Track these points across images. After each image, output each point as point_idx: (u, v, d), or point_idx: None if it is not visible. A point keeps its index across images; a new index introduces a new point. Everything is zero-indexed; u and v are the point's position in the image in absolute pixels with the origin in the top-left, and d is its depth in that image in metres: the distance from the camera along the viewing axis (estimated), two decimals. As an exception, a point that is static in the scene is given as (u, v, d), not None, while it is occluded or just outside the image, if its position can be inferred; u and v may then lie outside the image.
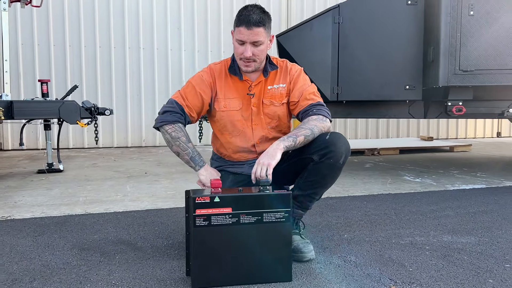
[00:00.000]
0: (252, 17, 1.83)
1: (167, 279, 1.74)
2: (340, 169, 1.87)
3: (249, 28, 1.83)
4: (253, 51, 1.87)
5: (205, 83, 1.96)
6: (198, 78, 1.97)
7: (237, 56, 1.92)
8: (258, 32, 1.84)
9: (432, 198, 3.20)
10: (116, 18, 7.02)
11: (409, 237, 2.26)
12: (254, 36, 1.84)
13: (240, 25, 1.85)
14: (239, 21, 1.86)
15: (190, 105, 1.93)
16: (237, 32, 1.87)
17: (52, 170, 4.42)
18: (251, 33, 1.83)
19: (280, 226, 1.68)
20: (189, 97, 1.93)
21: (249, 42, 1.86)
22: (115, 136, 7.14)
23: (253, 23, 1.82)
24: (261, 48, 1.88)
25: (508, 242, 2.17)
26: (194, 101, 1.93)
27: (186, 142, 1.88)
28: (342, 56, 3.88)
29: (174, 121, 1.88)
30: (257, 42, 1.86)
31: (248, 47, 1.86)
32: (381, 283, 1.68)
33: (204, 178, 1.88)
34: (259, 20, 1.83)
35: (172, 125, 1.88)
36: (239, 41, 1.87)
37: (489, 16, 3.46)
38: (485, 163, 5.17)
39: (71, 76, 6.86)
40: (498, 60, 3.49)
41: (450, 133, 8.81)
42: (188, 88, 1.96)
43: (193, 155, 1.89)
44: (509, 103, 3.82)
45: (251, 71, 1.95)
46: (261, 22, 1.84)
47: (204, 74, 1.98)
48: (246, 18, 1.83)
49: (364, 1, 3.85)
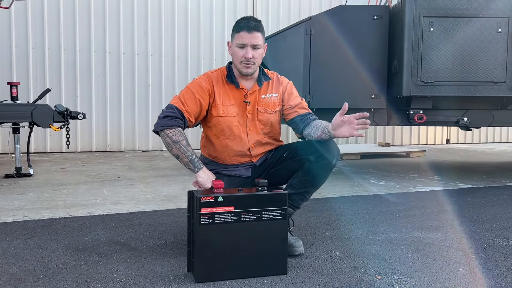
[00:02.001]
0: (252, 23, 2.04)
1: (169, 275, 1.83)
2: (331, 169, 2.06)
3: (250, 32, 2.02)
4: (253, 54, 2.04)
5: (203, 90, 2.08)
6: (197, 85, 2.09)
7: (237, 61, 2.07)
8: (257, 36, 2.04)
9: (398, 199, 3.46)
10: (81, 21, 6.93)
11: (384, 234, 2.47)
12: (254, 39, 2.03)
13: (241, 30, 2.03)
14: (239, 27, 2.05)
15: (189, 110, 2.04)
16: (238, 37, 2.04)
17: (21, 175, 4.33)
18: (252, 36, 2.03)
19: (277, 223, 1.83)
20: (188, 103, 2.04)
21: (249, 45, 2.04)
22: (79, 140, 7.02)
23: (253, 28, 2.03)
24: (259, 52, 2.07)
25: (469, 237, 2.43)
26: (193, 107, 2.05)
27: (186, 146, 1.99)
28: (313, 66, 4.09)
29: (174, 126, 1.99)
30: (256, 46, 2.05)
31: (249, 49, 2.04)
32: (367, 274, 1.87)
33: (203, 180, 1.99)
34: (257, 26, 2.05)
35: (172, 129, 1.98)
36: (239, 45, 2.04)
37: (447, 33, 3.79)
38: (439, 167, 5.56)
39: (34, 79, 6.69)
40: (455, 73, 3.83)
41: (405, 140, 9.31)
42: (187, 94, 2.07)
43: (192, 158, 2.00)
44: (463, 112, 4.18)
45: (251, 73, 2.10)
46: (259, 28, 2.06)
47: (203, 81, 2.10)
48: (246, 24, 2.04)
49: (334, 14, 4.09)
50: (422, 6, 3.76)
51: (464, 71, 3.82)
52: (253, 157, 2.18)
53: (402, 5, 3.85)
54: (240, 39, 2.04)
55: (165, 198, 3.40)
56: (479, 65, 3.80)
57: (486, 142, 9.92)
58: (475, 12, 3.78)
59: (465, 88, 3.85)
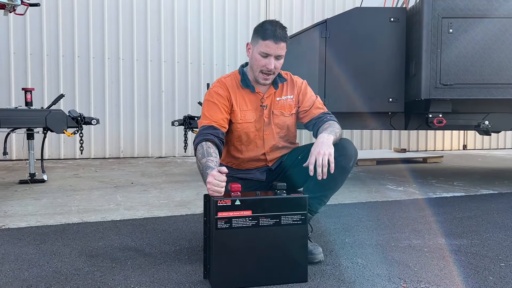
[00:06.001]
0: (279, 32, 1.93)
1: (185, 282, 1.77)
2: (348, 171, 1.97)
3: (276, 43, 1.92)
4: (275, 65, 1.96)
5: (222, 96, 2.01)
6: (215, 94, 2.02)
7: (257, 68, 1.99)
8: (283, 46, 1.96)
9: (418, 205, 3.35)
10: (95, 28, 6.97)
11: (406, 241, 2.37)
12: (280, 50, 1.95)
13: (267, 39, 1.92)
14: (266, 35, 1.93)
15: (216, 119, 1.96)
16: (263, 45, 1.94)
17: (35, 181, 4.32)
18: (278, 47, 1.93)
19: (296, 228, 1.75)
20: (212, 114, 1.97)
21: (274, 56, 1.95)
22: (93, 146, 7.02)
23: (280, 38, 1.93)
24: (281, 61, 2.00)
25: (497, 244, 2.32)
26: (219, 115, 1.97)
27: (200, 159, 1.84)
28: (328, 69, 4.02)
29: (200, 141, 1.90)
30: (280, 56, 1.97)
31: (272, 60, 1.95)
32: (392, 282, 1.78)
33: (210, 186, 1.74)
34: (285, 36, 1.95)
35: (199, 145, 1.89)
36: (263, 53, 1.95)
37: (466, 34, 3.69)
38: (458, 173, 5.42)
39: (48, 85, 6.73)
40: (475, 75, 3.72)
41: (421, 146, 9.15)
42: (208, 107, 1.99)
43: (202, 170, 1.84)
44: (484, 116, 4.06)
45: (268, 84, 2.03)
46: (286, 38, 1.97)
47: (219, 89, 2.03)
48: (273, 33, 1.92)
49: (350, 17, 4.02)
50: (440, 7, 3.67)
51: (484, 73, 3.71)
52: (268, 161, 2.11)
53: (420, 6, 3.76)
54: (265, 48, 1.94)
55: (179, 204, 3.35)
56: (500, 66, 3.69)
57: (504, 148, 9.71)
58: (496, 12, 3.68)
59: (486, 91, 3.74)
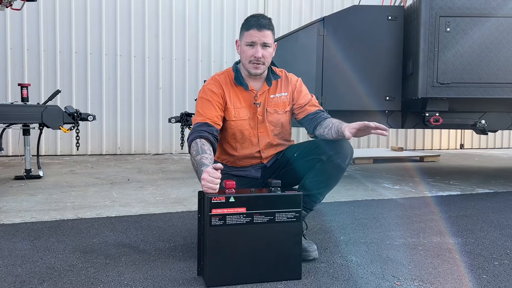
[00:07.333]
0: (262, 21, 1.96)
1: (178, 279, 1.76)
2: (344, 170, 1.97)
3: (260, 30, 1.94)
4: (263, 53, 1.96)
5: (216, 94, 2.01)
6: (209, 91, 2.01)
7: (246, 60, 1.99)
8: (268, 34, 1.96)
9: (414, 203, 3.35)
10: (92, 24, 6.94)
11: (401, 239, 2.37)
12: (265, 38, 1.95)
13: (251, 28, 1.95)
14: (249, 25, 1.96)
15: (210, 116, 1.96)
16: (247, 36, 1.96)
17: (31, 177, 4.30)
18: (262, 34, 1.95)
19: (291, 226, 1.74)
20: (206, 111, 1.96)
21: (259, 44, 1.96)
22: (89, 143, 7.01)
23: (263, 26, 1.95)
24: (269, 51, 2.00)
25: (491, 243, 2.32)
26: (214, 112, 1.97)
27: (194, 156, 1.84)
28: (326, 67, 4.01)
29: (193, 139, 1.89)
30: (266, 44, 1.97)
31: (258, 48, 1.96)
32: (386, 280, 1.78)
33: (204, 183, 1.75)
34: (268, 24, 1.97)
35: (193, 142, 1.89)
36: (249, 43, 1.96)
37: (464, 33, 3.69)
38: (455, 172, 5.42)
39: (45, 81, 6.71)
40: (472, 74, 3.72)
41: (418, 145, 9.16)
42: (202, 104, 1.99)
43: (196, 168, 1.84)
44: (481, 115, 4.06)
45: (260, 74, 2.02)
46: (270, 26, 1.98)
47: (212, 86, 2.03)
48: (256, 22, 1.95)
49: (347, 15, 4.01)
50: (438, 6, 3.67)
51: (482, 72, 3.71)
52: (263, 159, 2.11)
53: (418, 4, 3.76)
54: (250, 37, 1.96)
55: (175, 201, 3.34)
56: (497, 66, 3.69)
57: (501, 147, 9.73)
58: (493, 11, 3.67)
59: (483, 90, 3.74)
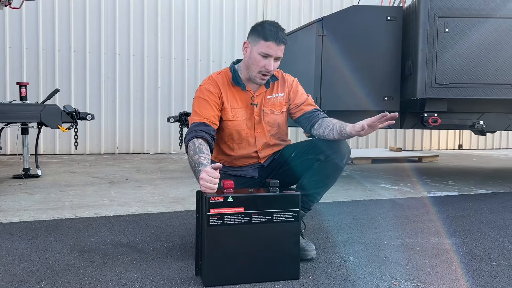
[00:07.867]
0: (281, 35, 1.94)
1: (176, 278, 1.76)
2: (342, 169, 1.98)
3: (278, 44, 1.93)
4: (274, 66, 1.97)
5: (213, 94, 2.00)
6: (206, 91, 2.01)
7: (256, 68, 1.97)
8: (283, 49, 1.97)
9: (412, 203, 3.36)
10: (91, 23, 6.94)
11: (399, 239, 2.38)
12: (280, 52, 1.96)
13: (270, 40, 1.92)
14: (267, 36, 1.92)
15: (207, 116, 1.95)
16: (264, 46, 1.93)
17: (29, 175, 4.30)
18: (279, 49, 1.94)
19: (289, 226, 1.75)
20: (203, 111, 1.96)
21: (274, 57, 1.95)
22: (88, 142, 7.00)
23: (282, 41, 1.94)
24: (279, 63, 2.01)
25: (489, 243, 2.32)
26: (210, 112, 1.97)
27: (192, 156, 1.84)
28: (325, 67, 4.01)
29: (191, 138, 1.89)
30: (279, 58, 1.98)
31: (272, 61, 1.95)
32: (383, 280, 1.78)
33: (202, 183, 1.74)
34: (285, 38, 1.96)
35: (190, 142, 1.88)
36: (264, 54, 1.94)
37: (462, 34, 3.69)
38: (453, 172, 5.44)
39: (44, 80, 6.70)
40: (471, 75, 3.73)
41: (416, 145, 9.17)
42: (199, 103, 1.99)
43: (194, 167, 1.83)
44: (479, 116, 4.07)
45: (264, 83, 2.04)
46: (286, 40, 1.97)
47: (210, 86, 2.02)
48: (275, 35, 1.92)
49: (346, 15, 4.02)
50: (437, 6, 3.67)
51: (480, 73, 3.71)
52: (261, 158, 2.12)
53: (417, 5, 3.76)
54: (267, 49, 1.93)
55: (173, 200, 3.34)
56: (496, 67, 3.70)
57: (499, 148, 9.75)
58: (492, 12, 3.68)
59: (481, 91, 3.75)
